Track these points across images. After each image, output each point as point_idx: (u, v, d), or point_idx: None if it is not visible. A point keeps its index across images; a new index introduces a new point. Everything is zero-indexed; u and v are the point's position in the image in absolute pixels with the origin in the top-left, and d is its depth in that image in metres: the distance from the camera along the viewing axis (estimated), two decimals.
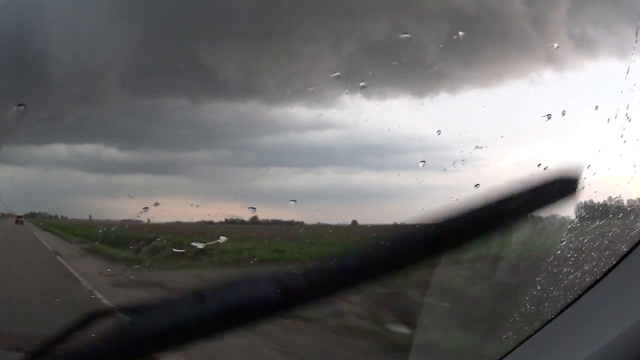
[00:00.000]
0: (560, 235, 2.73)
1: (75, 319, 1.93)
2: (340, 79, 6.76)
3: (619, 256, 1.96)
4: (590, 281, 2.00)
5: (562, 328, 1.97)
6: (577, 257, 2.55)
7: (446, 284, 6.50)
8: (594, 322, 1.87)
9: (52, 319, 9.99)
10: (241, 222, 24.98)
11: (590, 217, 2.78)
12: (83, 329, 2.00)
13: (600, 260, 2.23)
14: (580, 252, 2.57)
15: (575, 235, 2.68)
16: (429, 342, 4.88)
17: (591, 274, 2.11)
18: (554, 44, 8.13)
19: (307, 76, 13.97)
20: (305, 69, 13.36)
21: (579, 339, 1.86)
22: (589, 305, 1.94)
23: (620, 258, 1.94)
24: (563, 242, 2.72)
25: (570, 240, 2.69)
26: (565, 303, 2.03)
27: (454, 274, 7.29)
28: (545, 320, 2.05)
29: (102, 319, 1.96)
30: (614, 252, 2.16)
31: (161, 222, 25.81)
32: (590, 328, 1.87)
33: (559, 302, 2.20)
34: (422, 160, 6.19)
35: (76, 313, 1.94)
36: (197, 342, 1.67)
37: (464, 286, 6.61)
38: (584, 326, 1.90)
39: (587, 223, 2.74)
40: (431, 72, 8.25)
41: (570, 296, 2.05)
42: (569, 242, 2.69)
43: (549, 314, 2.11)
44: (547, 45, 9.52)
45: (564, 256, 2.65)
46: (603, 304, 1.90)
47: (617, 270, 1.92)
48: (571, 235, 2.71)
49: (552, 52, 7.14)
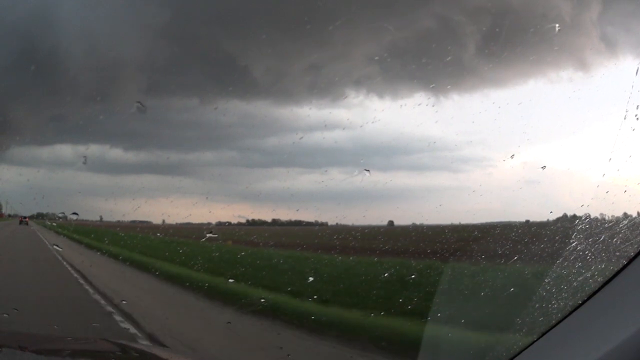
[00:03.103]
0: (570, 237, 2.73)
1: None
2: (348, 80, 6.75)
3: (628, 258, 1.95)
4: (600, 282, 2.00)
5: (571, 329, 1.97)
6: (586, 259, 2.54)
7: (455, 285, 6.50)
8: (603, 324, 1.87)
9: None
10: (245, 223, 24.92)
11: (600, 218, 2.78)
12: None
13: (609, 262, 2.23)
14: (589, 253, 2.56)
15: (585, 237, 2.68)
16: (438, 341, 4.88)
17: (600, 276, 2.10)
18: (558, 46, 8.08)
19: (313, 77, 13.94)
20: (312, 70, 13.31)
21: (588, 341, 1.86)
22: (598, 306, 1.93)
23: (630, 260, 1.93)
24: (572, 243, 2.72)
25: (580, 241, 2.69)
26: (574, 304, 2.03)
27: (462, 274, 7.29)
28: (554, 322, 2.05)
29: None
30: (624, 254, 2.16)
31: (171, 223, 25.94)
32: (599, 330, 1.86)
33: (568, 303, 2.20)
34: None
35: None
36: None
37: (472, 287, 6.60)
38: (593, 328, 1.90)
39: (596, 224, 2.74)
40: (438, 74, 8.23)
41: (579, 297, 2.05)
42: (579, 243, 2.69)
43: (558, 315, 2.11)
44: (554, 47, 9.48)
45: (574, 257, 2.65)
46: (612, 306, 1.89)
47: (626, 271, 1.92)
48: (581, 236, 2.71)
49: (559, 54, 7.10)
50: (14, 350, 2.79)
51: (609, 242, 2.44)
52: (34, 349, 2.89)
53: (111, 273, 19.66)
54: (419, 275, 10.75)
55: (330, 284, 12.17)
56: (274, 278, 13.60)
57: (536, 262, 6.09)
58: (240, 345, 8.87)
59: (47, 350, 3.03)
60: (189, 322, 10.75)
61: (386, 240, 16.82)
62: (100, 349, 3.32)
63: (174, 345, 8.30)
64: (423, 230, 16.41)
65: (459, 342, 5.13)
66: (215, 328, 10.31)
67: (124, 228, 36.51)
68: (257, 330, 9.76)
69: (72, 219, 20.79)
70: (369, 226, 17.92)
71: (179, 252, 19.90)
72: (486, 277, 7.60)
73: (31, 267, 18.26)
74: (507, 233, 9.53)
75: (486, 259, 8.55)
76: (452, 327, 5.18)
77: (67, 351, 3.07)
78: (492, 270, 8.02)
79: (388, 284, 11.88)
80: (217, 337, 9.35)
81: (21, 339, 3.39)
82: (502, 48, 8.74)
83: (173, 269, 17.10)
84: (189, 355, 5.23)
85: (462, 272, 7.39)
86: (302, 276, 13.52)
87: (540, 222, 10.62)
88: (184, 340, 8.71)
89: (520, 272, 6.46)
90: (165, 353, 4.44)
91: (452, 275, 6.97)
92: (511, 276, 6.87)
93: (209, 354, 8.12)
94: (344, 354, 8.21)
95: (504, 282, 6.90)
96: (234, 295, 11.96)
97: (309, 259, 17.25)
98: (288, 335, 9.28)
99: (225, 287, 12.87)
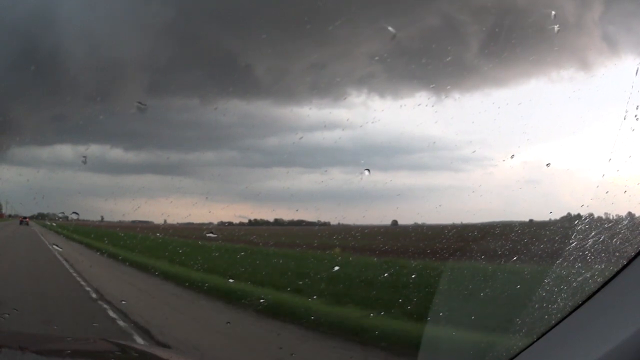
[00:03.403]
0: (570, 237, 2.73)
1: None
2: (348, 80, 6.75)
3: (628, 258, 1.95)
4: (599, 282, 2.00)
5: (571, 329, 1.97)
6: (586, 259, 2.54)
7: (454, 285, 6.50)
8: (603, 324, 1.86)
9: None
10: (248, 223, 24.78)
11: (600, 218, 2.77)
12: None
13: (609, 262, 2.23)
14: (589, 254, 2.56)
15: (585, 237, 2.67)
16: (438, 341, 4.88)
17: (600, 276, 2.10)
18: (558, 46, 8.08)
19: (314, 77, 13.93)
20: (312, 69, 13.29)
21: (588, 341, 1.86)
22: (598, 306, 1.93)
23: (629, 260, 1.93)
24: (572, 243, 2.71)
25: (579, 241, 2.68)
26: (574, 304, 2.03)
27: (462, 274, 7.29)
28: (554, 322, 2.05)
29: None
30: (623, 254, 2.15)
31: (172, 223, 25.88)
32: (599, 330, 1.86)
33: (568, 303, 2.20)
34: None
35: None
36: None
37: (472, 287, 6.59)
38: (593, 328, 1.90)
39: (596, 224, 2.73)
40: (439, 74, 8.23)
41: (579, 297, 2.05)
42: (578, 243, 2.69)
43: (558, 315, 2.11)
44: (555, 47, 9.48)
45: (573, 257, 2.65)
46: (612, 306, 1.89)
47: (626, 271, 1.92)
48: (580, 236, 2.71)
49: (559, 54, 7.10)
50: (14, 351, 2.79)
51: (609, 242, 2.44)
52: (34, 349, 2.89)
53: (111, 273, 19.66)
54: (418, 275, 10.74)
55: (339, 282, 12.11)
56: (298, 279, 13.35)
57: (536, 262, 6.10)
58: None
59: (47, 350, 3.02)
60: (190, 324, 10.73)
61: (390, 240, 16.79)
62: (100, 349, 3.32)
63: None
64: (423, 230, 16.40)
65: (459, 342, 5.13)
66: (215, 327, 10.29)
67: (125, 228, 36.47)
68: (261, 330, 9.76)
69: (73, 219, 20.75)
70: (370, 226, 17.90)
71: (196, 255, 19.70)
72: (486, 277, 7.60)
73: (31, 267, 18.24)
74: (507, 233, 9.53)
75: (486, 259, 8.55)
76: (452, 327, 5.18)
77: (67, 351, 3.06)
78: (492, 270, 8.02)
79: (388, 284, 11.89)
80: (217, 338, 9.35)
81: (21, 339, 3.39)
82: (502, 48, 8.74)
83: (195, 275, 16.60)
84: (189, 355, 5.24)
85: (461, 272, 7.39)
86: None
87: (543, 222, 10.61)
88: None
89: (520, 272, 6.46)
90: (165, 353, 4.44)
91: (451, 275, 6.97)
92: (511, 276, 6.87)
93: (209, 354, 8.11)
94: (346, 353, 8.21)
95: (504, 282, 6.90)
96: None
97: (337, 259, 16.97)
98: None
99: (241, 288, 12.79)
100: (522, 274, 6.24)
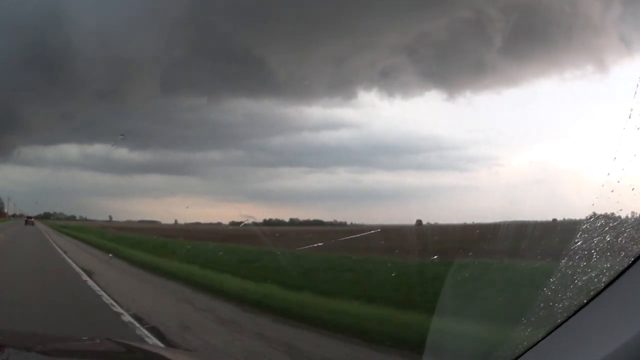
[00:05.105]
0: (575, 236, 2.73)
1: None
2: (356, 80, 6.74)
3: (633, 256, 1.95)
4: (605, 281, 2.00)
5: (576, 328, 1.97)
6: (592, 257, 2.54)
7: (460, 284, 6.50)
8: (609, 323, 1.87)
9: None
10: (262, 223, 24.07)
11: (605, 217, 2.77)
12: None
13: (614, 261, 2.22)
14: (595, 252, 2.56)
15: (590, 236, 2.67)
16: (444, 340, 4.89)
17: (606, 275, 2.10)
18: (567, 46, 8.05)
19: (322, 77, 13.93)
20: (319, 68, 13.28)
21: (594, 339, 1.86)
22: (604, 305, 1.93)
23: (635, 258, 1.93)
24: (578, 242, 2.71)
25: (585, 240, 2.68)
26: (579, 303, 2.03)
27: (468, 272, 7.28)
28: (559, 321, 2.05)
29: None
30: (629, 253, 2.15)
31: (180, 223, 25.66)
32: (605, 328, 1.86)
33: (573, 302, 2.20)
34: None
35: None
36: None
37: (478, 285, 6.59)
38: (599, 326, 1.90)
39: (601, 223, 2.73)
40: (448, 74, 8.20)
41: (584, 296, 2.05)
42: (584, 242, 2.69)
43: (563, 314, 2.12)
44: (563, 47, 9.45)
45: (579, 256, 2.64)
46: (618, 304, 1.89)
47: (632, 270, 1.92)
48: (585, 235, 2.70)
49: (565, 54, 7.08)
50: (19, 350, 2.81)
51: (614, 241, 2.44)
52: (39, 349, 2.91)
53: (119, 274, 19.75)
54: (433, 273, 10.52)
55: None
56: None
57: (542, 261, 6.09)
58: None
59: (52, 350, 3.04)
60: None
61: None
62: (105, 349, 3.33)
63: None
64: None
65: (465, 339, 5.14)
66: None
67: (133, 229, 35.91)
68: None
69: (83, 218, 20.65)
70: (397, 226, 17.16)
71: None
72: (492, 275, 7.60)
73: (38, 274, 17.92)
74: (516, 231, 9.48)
75: (488, 257, 8.54)
76: (458, 325, 5.18)
77: (72, 351, 3.08)
78: (497, 268, 8.01)
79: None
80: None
81: (26, 339, 3.40)
82: (520, 47, 8.73)
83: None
84: (194, 355, 5.25)
85: (468, 270, 7.39)
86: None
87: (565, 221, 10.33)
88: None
89: (525, 270, 6.44)
90: (169, 353, 4.45)
91: (457, 273, 6.97)
92: (517, 274, 6.87)
93: (215, 354, 8.12)
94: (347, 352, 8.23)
95: (510, 280, 6.90)
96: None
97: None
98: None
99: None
100: (528, 272, 6.23)
